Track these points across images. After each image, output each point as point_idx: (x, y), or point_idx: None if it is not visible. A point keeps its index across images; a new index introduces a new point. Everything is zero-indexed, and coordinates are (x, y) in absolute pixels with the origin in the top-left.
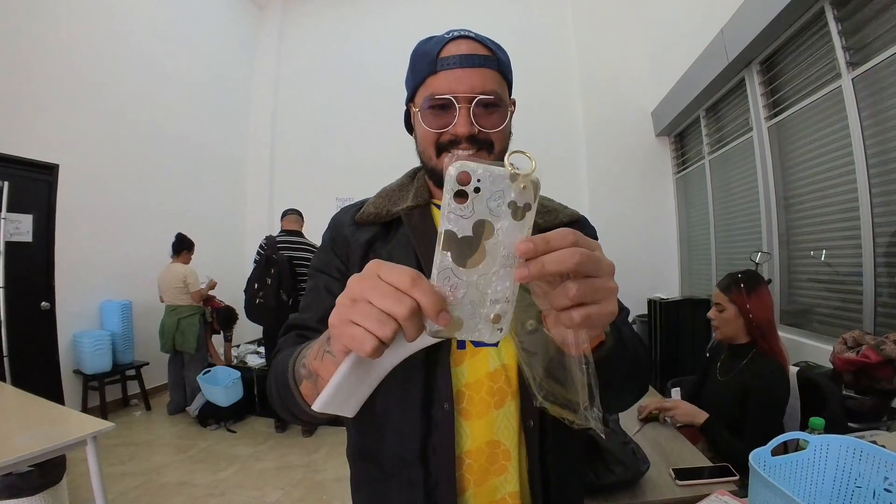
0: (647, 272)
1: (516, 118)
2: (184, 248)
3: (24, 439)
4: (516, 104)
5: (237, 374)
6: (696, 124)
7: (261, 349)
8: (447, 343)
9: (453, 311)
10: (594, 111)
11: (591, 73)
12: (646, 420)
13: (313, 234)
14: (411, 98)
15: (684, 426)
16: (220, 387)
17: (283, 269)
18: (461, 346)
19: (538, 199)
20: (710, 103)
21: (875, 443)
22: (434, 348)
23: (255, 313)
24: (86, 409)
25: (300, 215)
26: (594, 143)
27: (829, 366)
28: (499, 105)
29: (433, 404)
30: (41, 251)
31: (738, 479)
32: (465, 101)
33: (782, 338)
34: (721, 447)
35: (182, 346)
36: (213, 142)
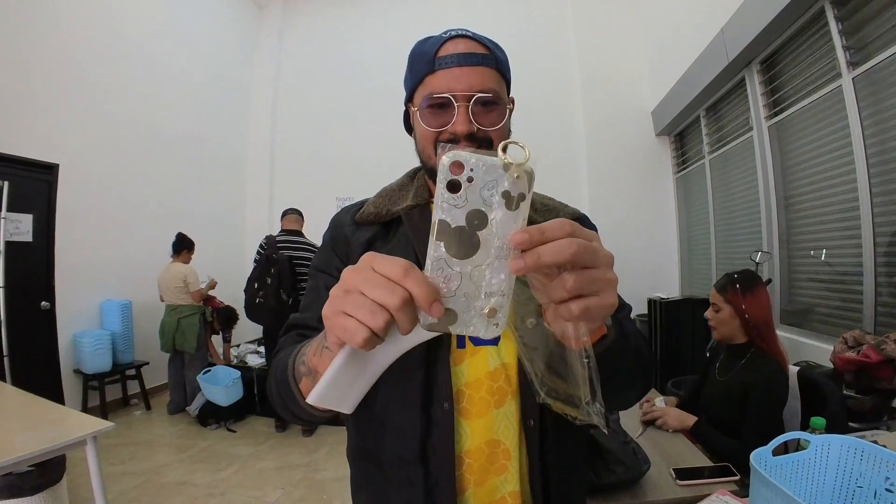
0: (647, 272)
1: (516, 118)
2: (184, 247)
3: (24, 439)
4: (515, 103)
5: (237, 373)
6: (696, 124)
7: (261, 349)
8: (447, 342)
9: (447, 303)
10: (594, 111)
11: (592, 73)
12: (647, 423)
13: (313, 233)
14: (410, 98)
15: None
16: (221, 386)
17: (284, 269)
18: (461, 345)
19: (532, 190)
20: (710, 103)
21: (876, 442)
22: (434, 347)
23: (255, 313)
24: (86, 409)
25: (300, 215)
26: (594, 143)
27: (830, 365)
28: (497, 103)
29: (433, 403)
30: (41, 251)
31: (738, 478)
32: (464, 100)
33: (782, 337)
34: (714, 448)
35: (182, 346)
36: (214, 141)
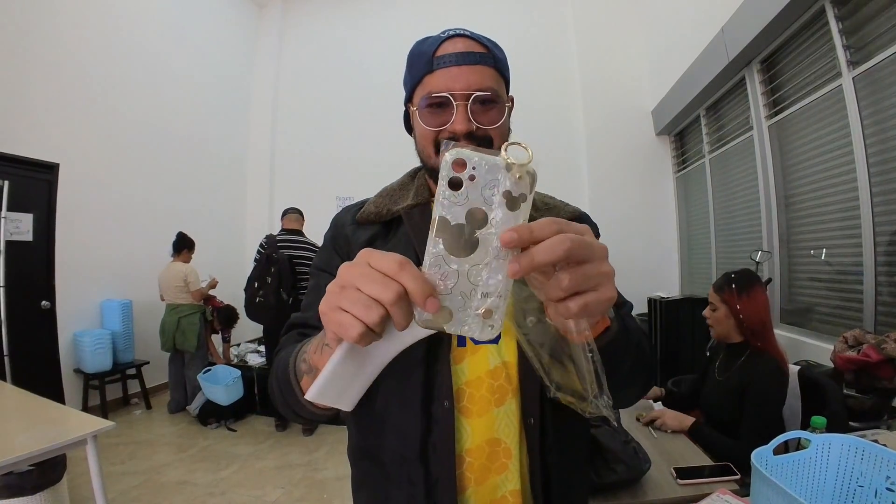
0: (647, 271)
1: (517, 117)
2: (184, 247)
3: (25, 438)
4: (514, 102)
5: (238, 372)
6: (696, 123)
7: (261, 348)
8: (447, 340)
9: (443, 301)
10: (594, 110)
11: (592, 72)
12: (646, 424)
13: (314, 233)
14: (409, 98)
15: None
16: (221, 385)
17: (284, 268)
18: (461, 344)
19: (534, 192)
20: (710, 102)
21: (876, 442)
22: (434, 345)
23: (256, 312)
24: (86, 408)
25: (300, 214)
26: (594, 142)
27: (830, 365)
28: (496, 101)
29: (433, 402)
30: (41, 250)
31: (739, 478)
32: (462, 99)
33: (783, 337)
34: (713, 448)
35: (182, 345)
36: (214, 140)
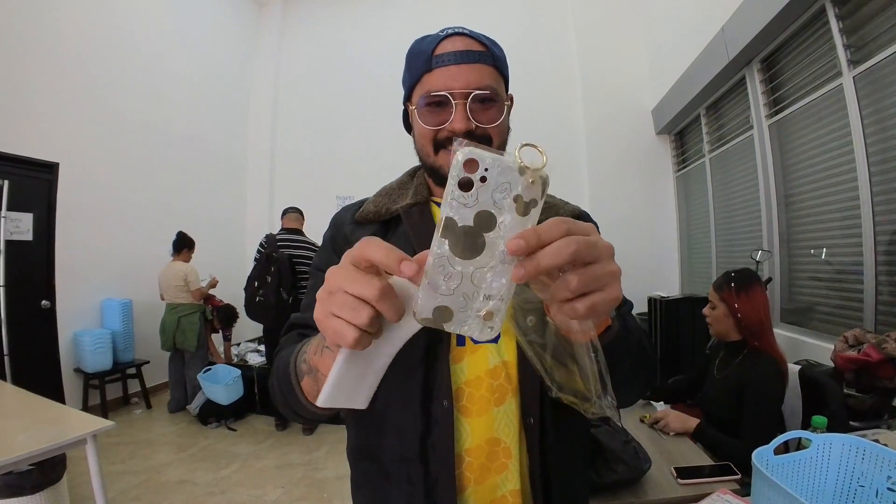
0: (647, 270)
1: (517, 116)
2: (184, 246)
3: (25, 438)
4: (514, 100)
5: (238, 372)
6: (696, 122)
7: (261, 347)
8: (446, 339)
9: (444, 301)
10: (594, 109)
11: (592, 72)
12: (650, 426)
13: (314, 232)
14: (408, 97)
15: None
16: (221, 385)
17: (284, 268)
18: (461, 343)
19: (545, 197)
20: (710, 101)
21: (877, 441)
22: (433, 345)
23: (256, 311)
24: (86, 408)
25: (300, 213)
26: (594, 142)
27: (831, 364)
28: (495, 100)
29: (432, 402)
30: (41, 250)
31: (739, 477)
32: (462, 97)
33: (783, 336)
34: (717, 449)
35: (183, 345)
36: (214, 140)
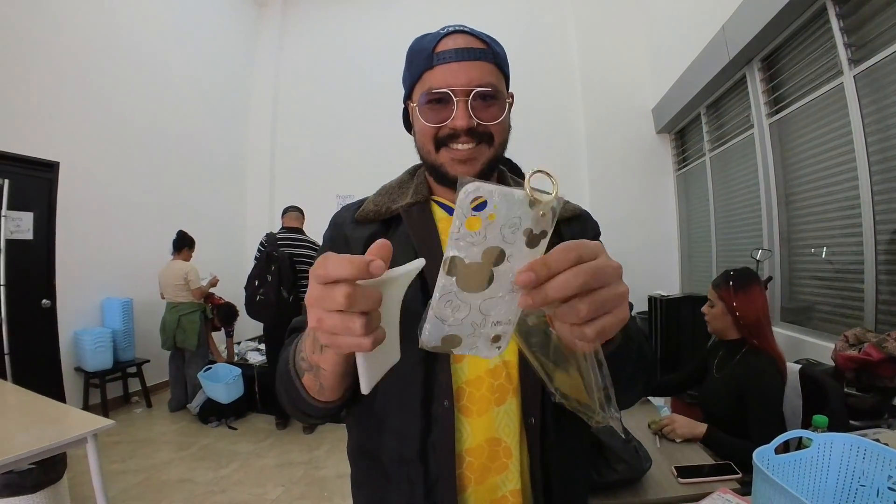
0: (647, 269)
1: (518, 115)
2: (184, 245)
3: (25, 437)
4: (514, 98)
5: (238, 370)
6: (696, 121)
7: (261, 346)
8: None
9: (452, 330)
10: (595, 108)
11: (592, 71)
12: (657, 432)
13: (314, 231)
14: (408, 95)
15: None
16: (221, 384)
17: (284, 266)
18: None
19: (555, 223)
20: (711, 100)
21: (878, 441)
22: None
23: (256, 310)
24: (87, 407)
25: (301, 212)
26: (595, 140)
27: (831, 363)
28: (496, 97)
29: (433, 401)
30: (42, 249)
31: (740, 476)
32: (463, 94)
33: (784, 335)
34: (728, 453)
35: (183, 343)
36: (214, 139)
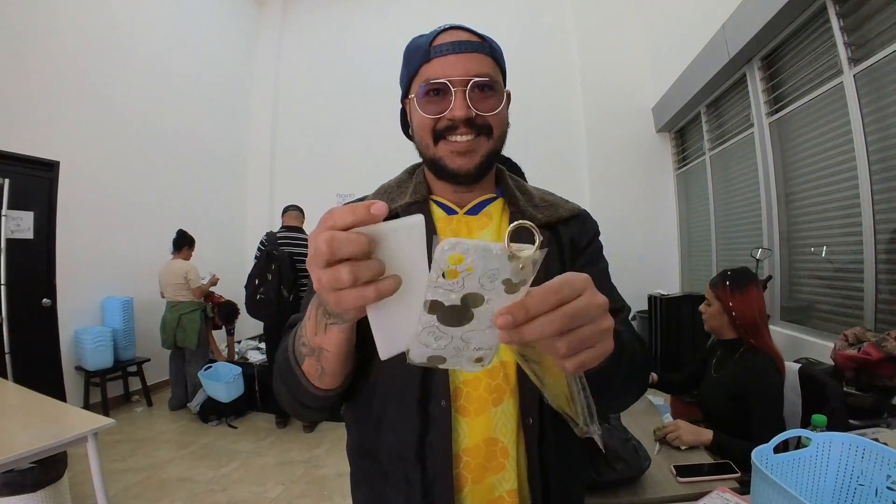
0: (647, 268)
1: (518, 115)
2: (185, 244)
3: (26, 436)
4: (512, 97)
5: (238, 369)
6: (696, 120)
7: (262, 345)
8: None
9: (436, 352)
10: (595, 107)
11: (592, 69)
12: (660, 440)
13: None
14: (406, 93)
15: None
16: (222, 382)
17: (284, 265)
18: None
19: (537, 269)
20: (711, 99)
21: (877, 440)
22: None
23: (256, 309)
24: (87, 406)
25: (301, 211)
26: (595, 139)
27: (831, 362)
28: (494, 88)
29: (430, 401)
30: (42, 248)
31: (738, 475)
32: (461, 85)
33: (783, 334)
34: (735, 456)
35: (183, 342)
36: (214, 138)
